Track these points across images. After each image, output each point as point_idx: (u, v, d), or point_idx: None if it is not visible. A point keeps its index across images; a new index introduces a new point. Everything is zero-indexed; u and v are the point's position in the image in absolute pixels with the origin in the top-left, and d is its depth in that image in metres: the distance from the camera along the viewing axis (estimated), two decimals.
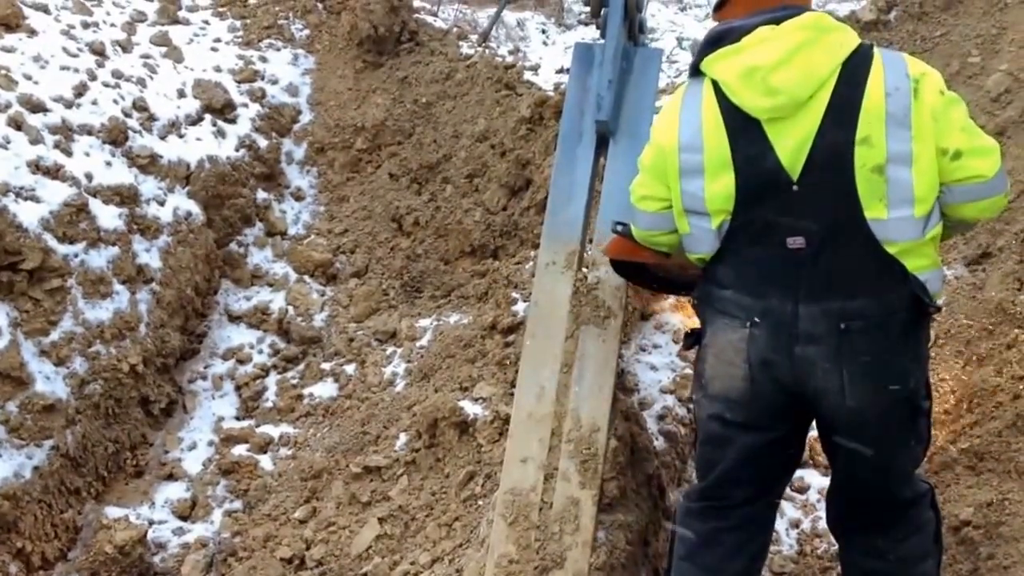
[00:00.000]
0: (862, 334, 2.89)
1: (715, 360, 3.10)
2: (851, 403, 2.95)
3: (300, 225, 5.87)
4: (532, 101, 5.52)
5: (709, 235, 3.01)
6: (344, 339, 5.32)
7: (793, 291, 2.91)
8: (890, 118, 2.80)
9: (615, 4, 4.07)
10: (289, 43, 6.38)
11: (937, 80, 2.90)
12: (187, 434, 5.06)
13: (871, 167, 2.80)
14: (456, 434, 4.27)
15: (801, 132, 2.84)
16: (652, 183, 3.13)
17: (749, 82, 2.87)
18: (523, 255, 5.14)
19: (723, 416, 3.12)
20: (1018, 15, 6.00)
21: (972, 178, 2.88)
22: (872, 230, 2.83)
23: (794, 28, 2.89)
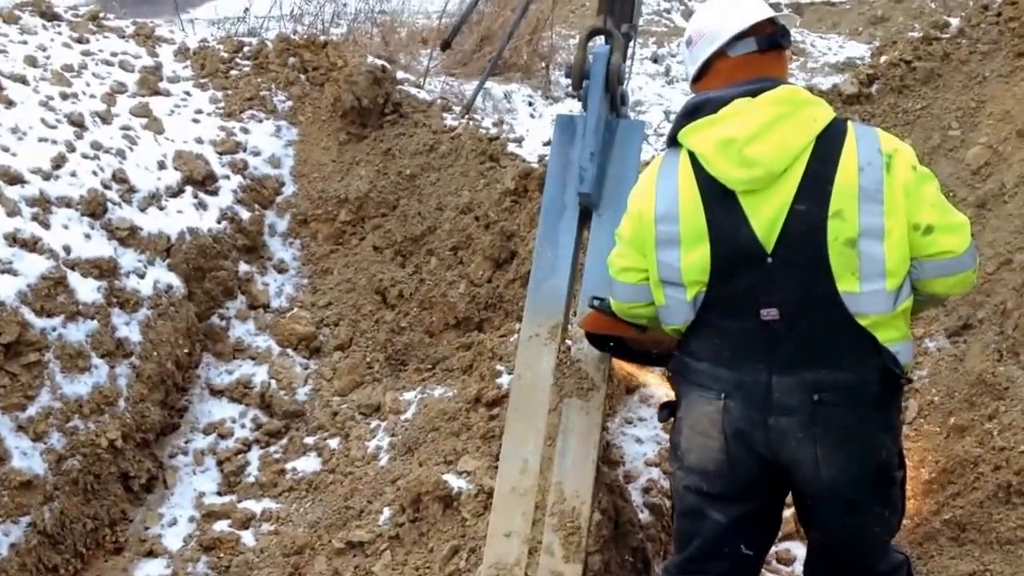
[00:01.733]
0: (835, 406, 2.99)
1: (690, 432, 3.18)
2: (825, 474, 3.04)
3: (283, 298, 5.93)
4: (516, 173, 5.63)
5: (684, 306, 3.10)
6: (328, 413, 5.36)
7: (767, 363, 3.01)
8: (862, 192, 2.92)
9: (596, 77, 4.17)
10: (272, 114, 6.48)
11: (909, 156, 3.02)
12: (167, 510, 5.07)
13: (843, 241, 2.91)
14: (440, 508, 4.30)
15: (775, 205, 2.95)
16: (631, 254, 3.22)
17: (725, 154, 2.97)
18: (508, 327, 5.21)
19: (700, 488, 3.20)
20: (996, 89, 6.15)
21: (943, 253, 3.00)
22: (844, 303, 2.95)
23: (770, 102, 3.01)
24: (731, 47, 3.15)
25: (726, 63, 3.17)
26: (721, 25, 3.18)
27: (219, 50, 6.82)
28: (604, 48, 4.23)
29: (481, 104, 10.12)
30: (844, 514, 3.14)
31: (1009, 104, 6.03)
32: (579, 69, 4.23)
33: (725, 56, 3.17)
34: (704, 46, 3.21)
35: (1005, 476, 4.27)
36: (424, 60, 11.33)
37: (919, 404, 4.81)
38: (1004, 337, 4.76)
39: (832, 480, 3.04)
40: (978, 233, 5.23)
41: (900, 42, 6.83)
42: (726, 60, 3.17)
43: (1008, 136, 5.85)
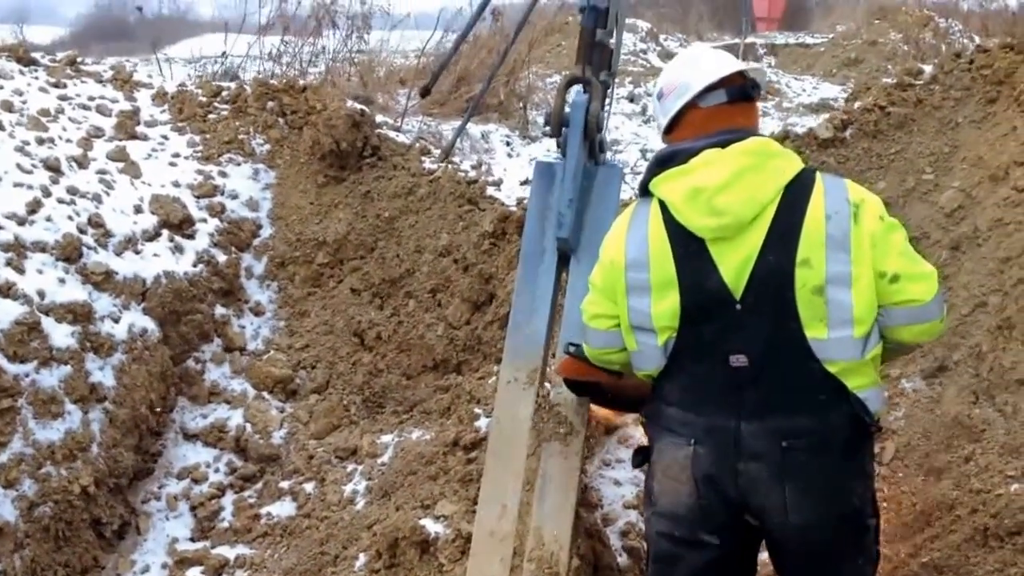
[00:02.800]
0: (804, 452, 2.97)
1: (663, 477, 3.16)
2: (795, 520, 3.01)
3: (259, 340, 5.85)
4: (495, 216, 5.60)
5: (656, 352, 3.10)
6: (303, 457, 5.28)
7: (736, 409, 2.99)
8: (829, 240, 2.94)
9: (575, 124, 4.15)
10: (250, 158, 6.42)
11: (877, 205, 3.04)
12: (140, 556, 4.97)
13: (811, 288, 2.92)
14: (417, 553, 4.22)
15: (744, 253, 2.96)
16: (603, 301, 3.23)
17: (694, 203, 2.99)
18: (486, 370, 5.16)
19: (672, 533, 3.17)
20: (969, 134, 6.17)
21: (909, 302, 3.01)
22: (813, 349, 2.95)
23: (739, 152, 3.03)
24: (702, 99, 3.17)
25: (697, 114, 3.18)
26: (692, 77, 3.20)
27: (197, 94, 6.78)
28: (583, 97, 4.21)
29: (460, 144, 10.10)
30: (816, 562, 3.10)
31: (982, 150, 6.04)
32: (558, 117, 4.20)
33: (696, 107, 3.18)
34: (675, 98, 3.22)
35: (982, 519, 4.23)
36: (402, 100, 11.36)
37: (896, 445, 4.77)
38: (980, 379, 4.74)
39: (802, 526, 3.01)
40: (952, 275, 5.23)
41: (874, 88, 6.88)
42: (697, 111, 3.18)
43: (981, 180, 5.85)
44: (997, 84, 6.32)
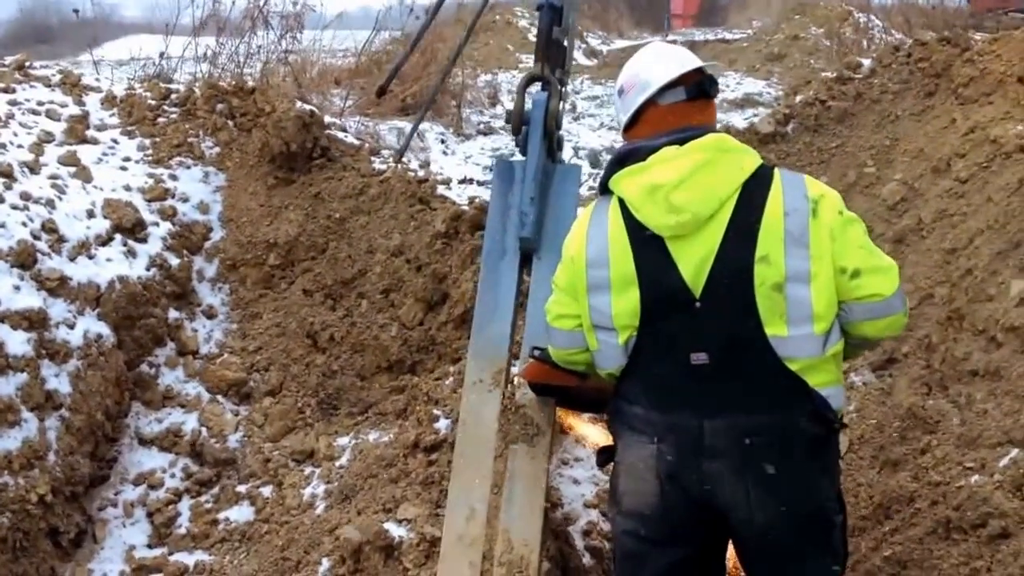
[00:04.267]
0: (766, 448, 2.91)
1: (626, 476, 3.09)
2: (759, 518, 2.94)
3: (212, 343, 5.69)
4: (447, 216, 5.49)
5: (616, 351, 3.03)
6: (260, 460, 5.14)
7: (698, 407, 2.93)
8: (788, 237, 2.87)
9: (535, 122, 4.08)
10: (199, 160, 6.25)
11: (836, 200, 2.98)
12: (97, 565, 4.79)
13: (770, 285, 2.85)
14: (381, 558, 4.10)
15: (702, 250, 2.90)
16: (565, 300, 3.16)
17: (652, 200, 2.92)
18: (442, 370, 5.05)
19: (637, 532, 3.10)
20: (908, 127, 6.19)
21: (870, 296, 2.95)
22: (773, 346, 2.88)
23: (695, 148, 2.96)
24: (661, 96, 3.10)
25: (656, 111, 3.11)
26: (651, 75, 3.13)
27: (146, 97, 6.57)
28: (542, 95, 4.14)
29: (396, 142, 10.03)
30: (783, 560, 3.03)
31: (922, 142, 6.07)
32: (519, 115, 4.13)
33: (655, 105, 3.11)
34: (635, 95, 3.15)
35: (943, 512, 4.19)
36: (336, 99, 11.24)
37: (849, 439, 4.74)
38: (931, 371, 4.72)
39: (766, 524, 2.95)
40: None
41: (814, 82, 6.89)
42: (656, 109, 3.11)
43: (923, 173, 5.88)
44: (935, 77, 6.35)
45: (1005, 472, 4.20)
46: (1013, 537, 3.99)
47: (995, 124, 5.78)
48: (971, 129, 5.85)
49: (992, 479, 4.20)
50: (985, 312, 4.75)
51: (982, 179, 5.57)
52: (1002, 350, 4.57)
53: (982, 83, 6.03)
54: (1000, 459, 4.32)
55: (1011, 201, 5.17)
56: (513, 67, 18.56)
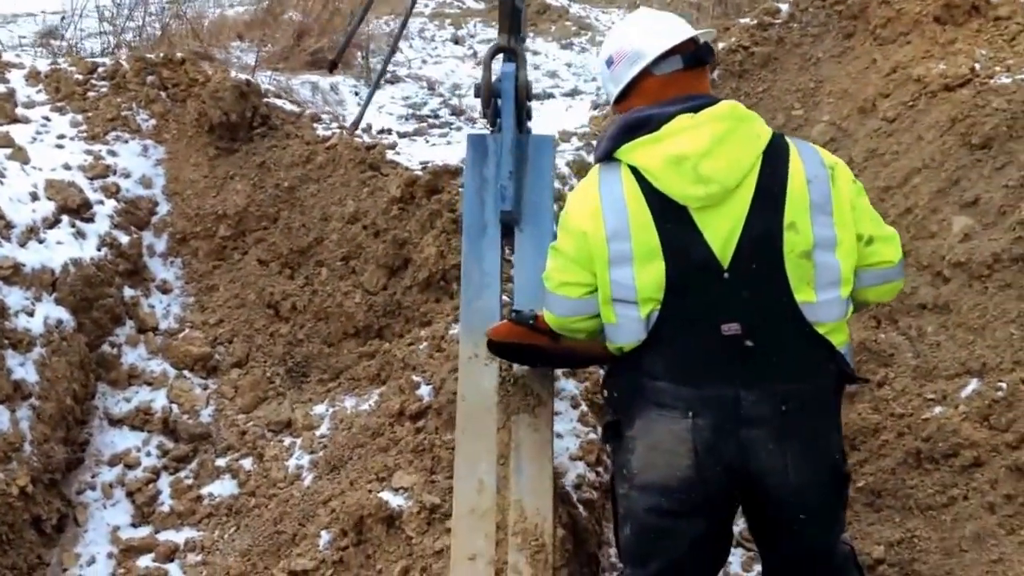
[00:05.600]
0: (801, 412, 2.94)
1: (648, 451, 3.03)
2: (794, 480, 2.97)
3: (171, 319, 5.53)
4: (401, 181, 5.39)
5: (637, 325, 2.97)
6: (235, 432, 5.04)
7: (732, 377, 2.92)
8: (813, 205, 2.89)
9: (507, 94, 4.04)
10: (136, 134, 5.99)
11: (847, 169, 3.04)
12: (83, 549, 4.66)
13: (799, 252, 2.87)
14: (384, 529, 4.09)
15: (730, 220, 2.87)
16: (573, 269, 3.06)
17: (678, 171, 2.86)
18: (414, 335, 5.01)
19: (659, 506, 3.06)
20: (831, 69, 6.31)
21: (881, 263, 3.03)
22: (803, 313, 2.90)
23: (714, 117, 2.92)
24: (656, 66, 3.05)
25: (652, 82, 3.06)
26: (644, 44, 3.07)
27: (72, 72, 6.24)
28: (510, 67, 4.10)
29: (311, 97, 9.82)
30: (810, 516, 3.08)
31: (846, 83, 6.19)
32: (488, 88, 4.09)
33: (651, 75, 3.06)
34: (628, 65, 3.09)
35: (912, 443, 4.34)
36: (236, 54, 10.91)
37: None
38: (879, 305, 4.84)
39: (800, 486, 2.99)
40: None
41: (734, 28, 6.93)
42: (652, 79, 3.06)
43: (850, 113, 6.00)
44: (852, 19, 6.46)
45: (970, 404, 4.37)
46: (986, 465, 4.18)
47: (916, 63, 5.92)
48: (893, 69, 5.99)
49: (957, 410, 4.38)
50: (928, 248, 4.91)
51: (909, 118, 5.71)
52: (950, 285, 4.74)
53: (899, 23, 6.16)
54: (960, 390, 4.50)
55: (945, 140, 5.32)
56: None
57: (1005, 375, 4.42)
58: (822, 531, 3.16)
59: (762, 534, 3.30)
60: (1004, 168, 5.17)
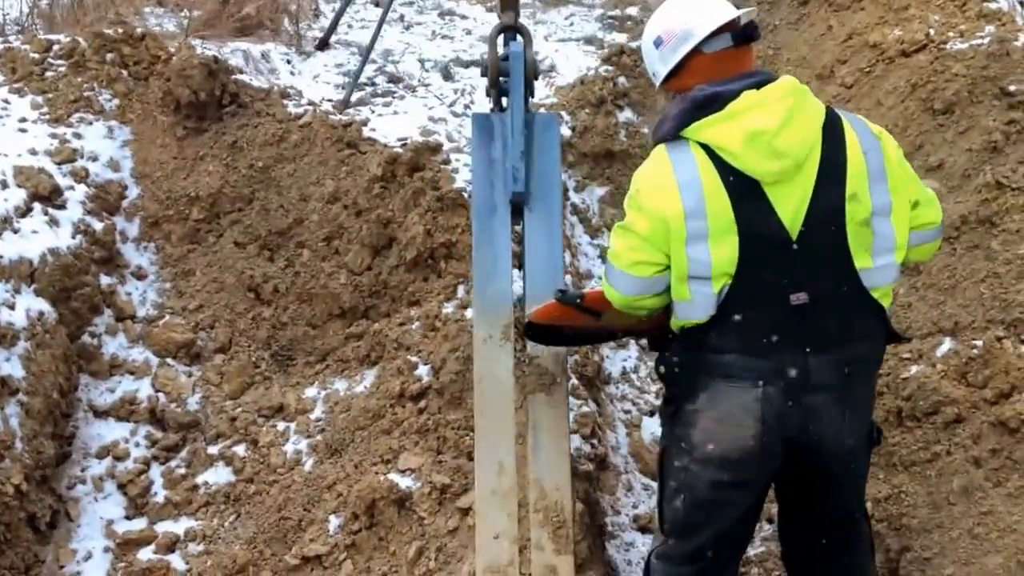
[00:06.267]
0: (860, 375, 3.09)
1: (714, 424, 3.08)
2: (849, 441, 3.10)
3: (148, 305, 5.37)
4: (382, 160, 5.30)
5: (710, 300, 3.00)
6: (225, 419, 4.94)
7: (802, 345, 2.99)
8: (871, 174, 2.97)
9: (516, 74, 3.98)
10: (100, 115, 5.77)
11: (891, 137, 3.11)
12: (79, 544, 4.56)
13: (859, 221, 2.94)
14: (395, 511, 4.09)
15: (799, 192, 2.93)
16: (647, 248, 3.06)
17: (754, 146, 2.89)
18: (404, 315, 4.96)
19: (721, 479, 3.12)
20: (788, 36, 6.36)
21: (927, 224, 3.13)
22: (861, 278, 2.98)
23: (782, 93, 2.95)
24: (706, 44, 3.05)
25: (703, 60, 3.06)
26: (694, 23, 3.06)
27: (27, 51, 5.98)
28: (518, 46, 4.03)
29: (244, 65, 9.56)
30: (853, 473, 3.22)
31: (803, 50, 6.25)
32: (495, 68, 4.02)
33: (701, 53, 3.06)
34: (678, 44, 3.08)
35: (893, 402, 4.44)
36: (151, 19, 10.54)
37: None
38: None
39: (853, 446, 3.11)
40: None
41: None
42: (703, 57, 3.06)
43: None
44: None
45: (947, 362, 4.48)
46: (967, 421, 4.28)
47: (871, 30, 6.00)
48: (849, 36, 6.06)
49: (935, 369, 4.49)
50: None
51: (868, 84, 5.80)
52: None
53: None
54: (935, 349, 4.61)
55: (907, 106, 5.41)
56: None
57: (979, 334, 4.52)
58: (855, 489, 3.29)
59: (798, 495, 3.37)
60: (967, 132, 5.27)
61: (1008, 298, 4.57)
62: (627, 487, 4.72)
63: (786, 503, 3.45)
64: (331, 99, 6.67)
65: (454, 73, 10.32)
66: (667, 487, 3.33)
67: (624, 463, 4.82)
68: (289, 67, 10.80)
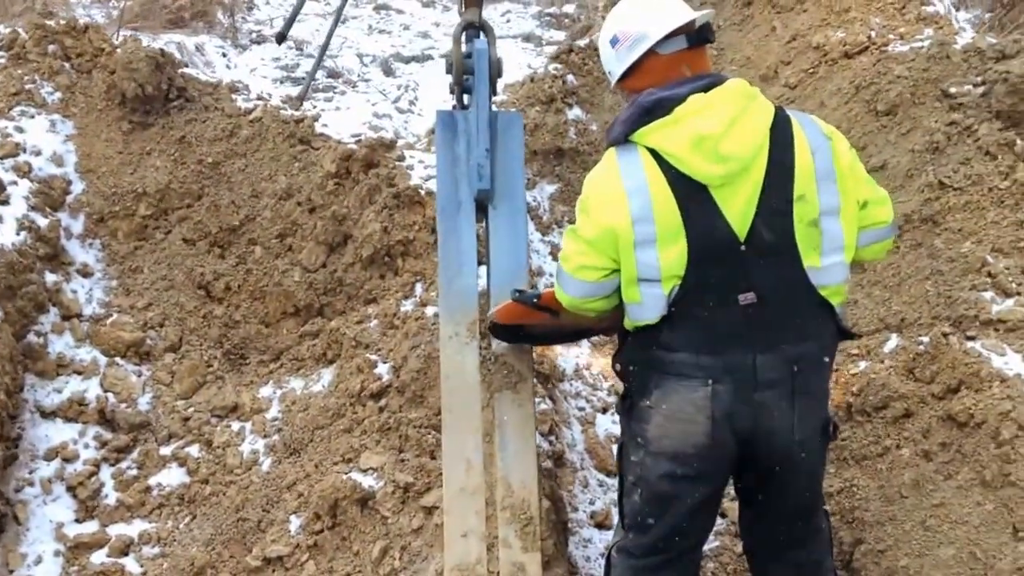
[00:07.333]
0: (808, 372, 3.07)
1: (666, 420, 3.10)
2: (798, 436, 3.10)
3: (95, 303, 5.23)
4: (336, 156, 5.22)
5: (659, 301, 3.01)
6: (177, 419, 4.85)
7: (750, 344, 3.00)
8: (819, 174, 2.97)
9: (481, 72, 3.93)
10: (42, 109, 5.61)
11: (843, 137, 3.10)
12: (29, 548, 4.43)
13: (808, 221, 2.95)
14: (358, 510, 4.05)
15: (745, 195, 2.93)
16: (593, 253, 3.06)
17: (700, 150, 2.89)
18: (361, 313, 4.89)
19: (673, 472, 3.14)
20: (731, 37, 6.40)
21: (877, 223, 3.14)
22: (809, 277, 2.99)
23: (727, 97, 2.96)
24: (661, 45, 3.04)
25: (657, 61, 3.05)
26: (649, 25, 3.06)
27: None
28: (483, 43, 3.99)
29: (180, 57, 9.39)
30: (807, 468, 3.22)
31: (748, 51, 6.30)
32: (460, 65, 3.97)
33: (656, 54, 3.05)
34: (634, 45, 3.07)
35: (843, 397, 4.51)
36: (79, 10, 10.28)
37: None
38: None
39: (802, 441, 3.11)
40: None
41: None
42: (658, 58, 3.05)
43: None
44: None
45: (895, 358, 4.55)
46: (916, 416, 4.35)
47: (814, 31, 6.07)
48: (792, 37, 6.13)
49: (884, 364, 4.56)
50: None
51: (812, 85, 5.87)
52: None
53: None
54: (882, 345, 4.69)
55: (851, 107, 5.48)
56: None
57: (925, 330, 4.60)
58: (810, 482, 3.29)
59: (754, 490, 3.39)
60: (909, 133, 5.36)
61: (952, 295, 4.65)
62: (583, 484, 4.71)
63: (744, 498, 3.48)
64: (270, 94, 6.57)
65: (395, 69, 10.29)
66: (625, 481, 3.36)
67: (580, 460, 4.82)
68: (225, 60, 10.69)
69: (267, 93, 7.91)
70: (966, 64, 5.39)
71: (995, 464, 3.88)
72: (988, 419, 3.96)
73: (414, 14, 12.46)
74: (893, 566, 4.00)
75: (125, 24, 10.26)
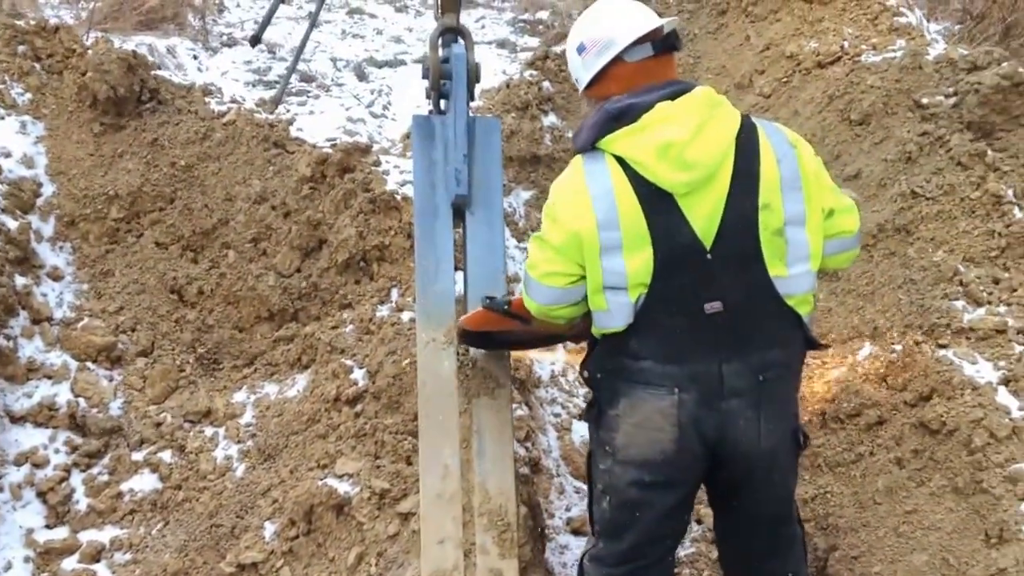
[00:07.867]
0: (775, 381, 3.07)
1: (633, 428, 3.10)
2: (765, 445, 3.10)
3: (65, 307, 5.17)
4: (311, 160, 5.20)
5: (625, 309, 3.01)
6: (149, 424, 4.80)
7: (716, 353, 3.00)
8: (784, 183, 2.97)
9: (459, 77, 3.93)
10: (12, 110, 5.54)
11: (808, 145, 3.11)
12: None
13: (772, 230, 2.95)
14: (334, 516, 4.02)
15: (711, 203, 2.93)
16: (559, 260, 3.06)
17: (666, 158, 2.90)
18: (337, 318, 4.87)
19: (641, 480, 3.14)
20: (707, 45, 6.43)
21: (842, 233, 3.15)
22: (776, 287, 2.99)
23: (695, 105, 2.96)
24: (628, 53, 3.03)
25: (624, 68, 3.04)
26: (617, 32, 3.04)
27: None
28: (460, 48, 3.98)
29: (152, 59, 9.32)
30: (777, 477, 3.23)
31: (723, 59, 6.33)
32: (437, 70, 3.96)
33: (622, 62, 3.04)
34: (600, 52, 3.06)
35: (817, 405, 4.55)
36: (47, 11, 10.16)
37: None
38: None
39: (770, 450, 3.11)
40: None
41: None
42: (624, 66, 3.04)
43: (727, 89, 6.15)
44: None
45: (868, 365, 4.59)
46: (889, 423, 4.39)
47: (788, 41, 6.12)
48: (766, 46, 6.17)
49: (857, 372, 4.60)
50: None
51: (785, 94, 5.91)
52: None
53: (770, 1, 6.34)
54: (855, 353, 4.73)
55: (825, 116, 5.53)
56: None
57: (898, 338, 4.63)
58: (781, 489, 3.30)
59: (726, 498, 3.41)
60: (882, 143, 5.42)
61: (925, 303, 4.69)
62: (559, 490, 4.71)
63: (717, 507, 3.49)
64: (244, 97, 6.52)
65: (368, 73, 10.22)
66: (595, 489, 3.36)
67: (556, 466, 4.82)
68: (196, 63, 10.60)
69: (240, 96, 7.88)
70: (938, 75, 5.45)
71: (967, 471, 3.92)
72: (960, 427, 4.00)
73: (387, 18, 12.41)
74: (867, 572, 4.03)
75: (95, 25, 10.15)
